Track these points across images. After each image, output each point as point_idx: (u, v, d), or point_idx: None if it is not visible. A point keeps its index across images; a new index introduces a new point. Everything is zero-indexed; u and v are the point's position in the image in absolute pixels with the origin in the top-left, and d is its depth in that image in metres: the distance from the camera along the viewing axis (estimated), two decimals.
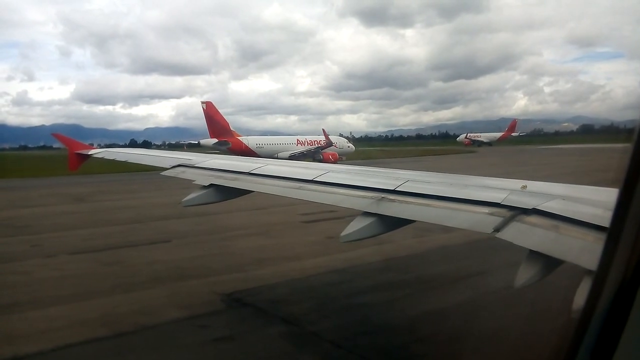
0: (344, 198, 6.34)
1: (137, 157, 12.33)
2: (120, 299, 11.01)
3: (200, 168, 9.33)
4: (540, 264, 3.95)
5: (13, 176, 52.01)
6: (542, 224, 4.21)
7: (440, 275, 12.56)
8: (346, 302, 10.76)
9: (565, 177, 30.18)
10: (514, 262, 4.31)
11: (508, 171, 40.78)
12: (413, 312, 10.05)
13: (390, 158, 79.24)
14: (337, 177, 7.13)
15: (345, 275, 12.59)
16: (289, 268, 13.36)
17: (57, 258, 15.16)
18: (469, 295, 10.74)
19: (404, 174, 7.03)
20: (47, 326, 9.44)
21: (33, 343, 8.64)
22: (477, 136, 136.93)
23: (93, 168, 36.73)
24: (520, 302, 8.22)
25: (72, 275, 13.07)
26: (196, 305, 10.55)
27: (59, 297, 11.17)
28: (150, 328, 9.34)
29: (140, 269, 13.67)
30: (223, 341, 8.78)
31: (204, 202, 8.19)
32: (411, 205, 5.54)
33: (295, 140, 73.21)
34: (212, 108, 67.61)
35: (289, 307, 10.53)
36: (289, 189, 7.22)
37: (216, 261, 14.27)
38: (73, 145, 14.53)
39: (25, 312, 10.29)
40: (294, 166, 9.20)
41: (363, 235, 5.59)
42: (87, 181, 41.10)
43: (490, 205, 4.83)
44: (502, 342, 7.94)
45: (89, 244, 17.02)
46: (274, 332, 9.18)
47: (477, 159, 78.08)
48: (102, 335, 8.96)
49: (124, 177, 43.98)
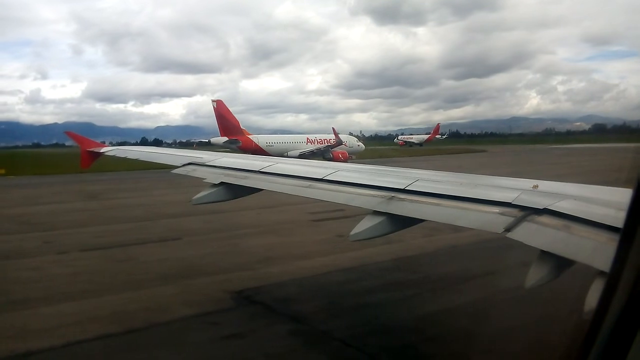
0: (354, 197, 6.33)
1: (148, 155, 12.39)
2: (131, 296, 11.09)
3: (211, 166, 9.35)
4: (551, 264, 3.91)
5: (26, 174, 52.56)
6: (554, 224, 4.17)
7: (450, 275, 12.50)
8: (355, 300, 10.75)
9: (574, 177, 29.90)
10: (524, 263, 4.27)
11: (518, 170, 40.53)
12: (422, 312, 10.02)
13: (400, 157, 79.06)
14: (346, 175, 7.12)
15: (355, 274, 12.58)
16: (298, 266, 13.38)
17: (69, 255, 15.30)
18: (479, 296, 10.67)
19: (414, 173, 7.01)
20: (58, 322, 9.54)
21: (45, 338, 8.73)
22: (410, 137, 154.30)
23: (105, 166, 36.98)
24: (531, 303, 8.16)
25: (84, 272, 13.19)
26: (206, 302, 10.59)
27: (71, 293, 11.27)
28: (160, 325, 9.40)
29: (151, 266, 13.76)
30: (233, 338, 8.82)
31: (214, 200, 8.21)
32: (421, 205, 5.52)
33: (305, 139, 73.18)
34: (223, 106, 67.85)
35: (298, 306, 10.55)
36: (299, 188, 7.22)
37: (226, 259, 14.32)
38: (85, 143, 14.63)
39: (37, 307, 10.40)
40: (304, 165, 9.20)
41: (372, 234, 5.57)
42: (99, 179, 41.42)
43: (501, 204, 4.79)
44: (512, 343, 7.90)
45: (101, 241, 17.16)
46: (283, 330, 9.20)
47: (487, 158, 77.64)
48: (113, 332, 9.03)
49: (135, 174, 44.23)
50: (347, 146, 71.40)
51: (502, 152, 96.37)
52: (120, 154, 13.36)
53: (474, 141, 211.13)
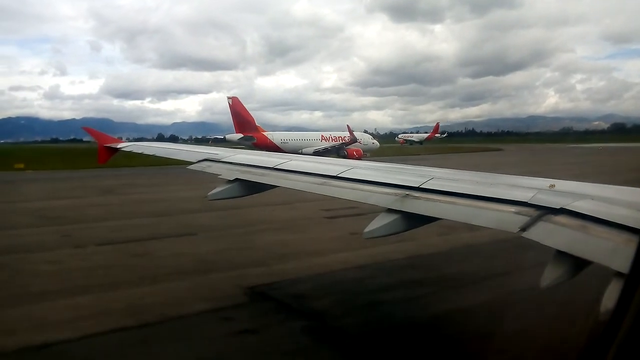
0: (368, 194, 6.31)
1: (164, 151, 12.48)
2: (146, 290, 11.21)
3: (226, 163, 9.39)
4: (567, 264, 3.87)
5: (45, 168, 53.38)
6: (571, 224, 4.12)
7: (465, 274, 12.43)
8: (369, 298, 10.74)
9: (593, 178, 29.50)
10: (540, 262, 4.23)
11: (534, 170, 40.11)
12: (436, 310, 9.97)
13: (415, 155, 78.71)
14: (361, 173, 7.10)
15: (368, 272, 12.57)
16: (312, 263, 13.40)
17: (86, 249, 15.51)
18: (493, 295, 10.59)
19: (428, 171, 6.97)
20: (75, 314, 9.68)
21: (62, 331, 8.86)
22: (410, 136, 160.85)
23: (122, 161, 37.39)
24: (546, 303, 8.08)
25: (100, 266, 13.35)
26: (220, 297, 10.67)
27: (87, 286, 11.42)
28: (175, 319, 9.49)
29: (167, 261, 13.90)
30: (246, 334, 8.87)
31: (229, 196, 8.24)
32: (436, 203, 5.48)
33: (319, 136, 73.22)
34: (238, 103, 68.13)
35: (312, 302, 10.57)
36: (313, 185, 7.22)
37: (240, 255, 14.40)
38: (102, 138, 14.78)
39: (54, 300, 10.56)
40: (318, 162, 9.21)
41: (386, 232, 5.55)
42: (116, 174, 41.92)
43: (517, 204, 4.75)
44: (526, 344, 7.82)
45: (117, 235, 17.36)
46: (297, 326, 9.22)
47: (502, 157, 76.92)
48: (128, 325, 9.14)
49: (152, 170, 44.65)
50: (361, 144, 71.29)
51: (518, 151, 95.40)
52: (137, 149, 13.47)
53: (490, 140, 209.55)
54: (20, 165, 52.70)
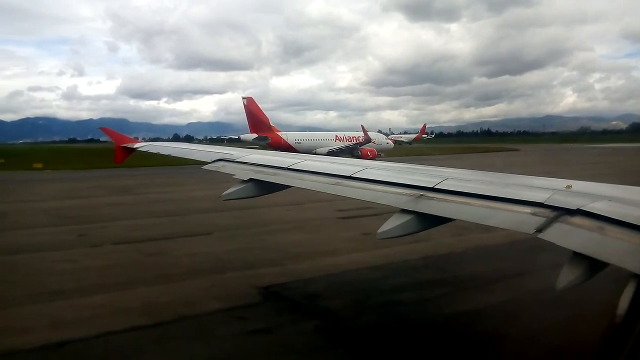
0: (382, 195, 6.28)
1: (179, 151, 12.56)
2: (161, 289, 11.31)
3: (240, 163, 9.42)
4: (583, 266, 3.82)
5: (62, 168, 54.12)
6: (587, 225, 4.07)
7: (479, 275, 12.33)
8: (382, 298, 10.70)
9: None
10: (556, 264, 4.19)
11: (553, 170, 39.67)
12: (450, 311, 9.91)
13: (430, 155, 78.30)
14: (375, 173, 7.08)
15: (382, 272, 12.53)
16: (326, 263, 13.40)
17: (102, 248, 15.71)
18: (508, 296, 10.50)
19: (443, 171, 6.93)
20: (91, 313, 9.80)
21: (78, 329, 8.97)
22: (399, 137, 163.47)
23: (138, 161, 37.77)
24: (562, 304, 7.99)
25: (116, 265, 13.50)
26: (234, 297, 10.72)
27: (103, 285, 11.56)
28: (189, 318, 9.55)
29: (181, 260, 14.00)
30: (260, 333, 8.89)
31: (243, 196, 8.26)
32: (450, 204, 5.44)
33: (333, 136, 73.24)
34: (253, 103, 68.41)
35: (325, 302, 10.57)
36: (327, 185, 7.21)
37: (254, 254, 14.45)
38: (119, 138, 14.92)
39: (71, 299, 10.70)
40: (332, 162, 9.19)
41: (400, 233, 5.52)
42: (132, 174, 42.36)
43: (533, 205, 4.69)
44: (541, 345, 7.75)
45: (133, 234, 17.55)
46: (310, 326, 9.24)
47: (518, 157, 76.21)
48: (143, 324, 9.23)
49: (167, 170, 45.04)
50: (375, 144, 71.14)
51: (535, 151, 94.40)
52: (153, 149, 13.57)
53: (505, 139, 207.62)
54: (39, 164, 53.50)
